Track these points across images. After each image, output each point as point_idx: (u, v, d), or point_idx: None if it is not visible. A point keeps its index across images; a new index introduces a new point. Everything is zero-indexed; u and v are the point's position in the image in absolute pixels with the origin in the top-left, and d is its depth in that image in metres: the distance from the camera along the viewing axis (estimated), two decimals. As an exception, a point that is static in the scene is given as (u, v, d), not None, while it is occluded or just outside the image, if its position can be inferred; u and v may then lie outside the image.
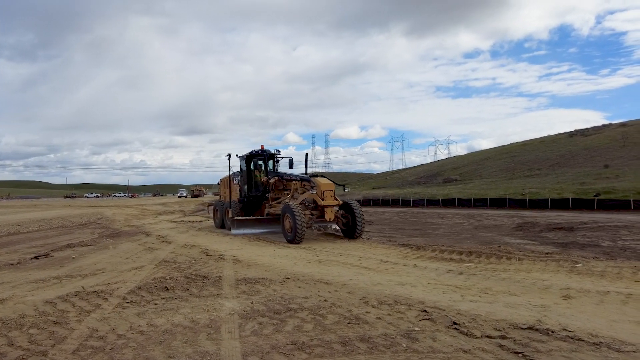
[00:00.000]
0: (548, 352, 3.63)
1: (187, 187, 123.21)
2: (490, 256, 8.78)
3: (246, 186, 16.44)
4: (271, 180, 15.16)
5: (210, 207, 20.97)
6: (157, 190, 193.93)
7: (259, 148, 16.36)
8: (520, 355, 3.57)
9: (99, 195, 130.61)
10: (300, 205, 12.59)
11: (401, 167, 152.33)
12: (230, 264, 8.52)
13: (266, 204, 15.47)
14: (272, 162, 16.29)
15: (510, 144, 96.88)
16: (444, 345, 3.85)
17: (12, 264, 9.26)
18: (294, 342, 3.96)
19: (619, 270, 7.04)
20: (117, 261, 9.32)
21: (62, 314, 5.03)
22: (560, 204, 28.42)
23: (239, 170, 17.22)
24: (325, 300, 5.35)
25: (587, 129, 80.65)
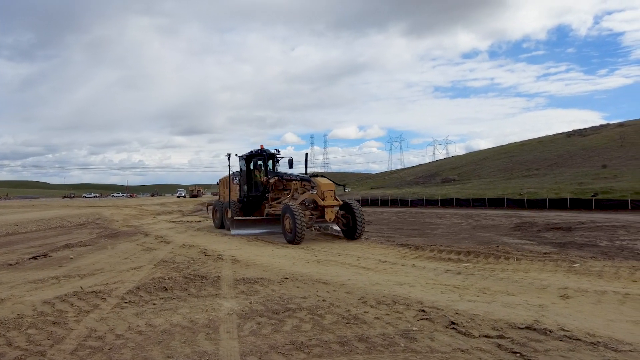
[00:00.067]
0: (546, 351, 3.65)
1: (185, 187, 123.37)
2: (489, 256, 8.80)
3: (246, 186, 16.37)
4: (271, 180, 15.06)
5: (210, 207, 20.88)
6: (155, 190, 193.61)
7: (259, 148, 16.26)
8: (518, 355, 3.58)
9: (98, 195, 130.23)
10: (300, 205, 12.53)
11: (400, 167, 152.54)
12: (228, 264, 8.52)
13: (266, 204, 15.37)
14: (271, 162, 16.18)
15: (509, 144, 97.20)
16: (442, 345, 3.86)
17: (11, 264, 9.24)
18: (292, 342, 3.96)
19: (616, 270, 7.07)
20: (115, 261, 9.31)
21: (60, 314, 5.03)
22: (558, 204, 28.52)
23: (238, 170, 17.15)
24: (323, 300, 5.36)
25: (585, 129, 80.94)
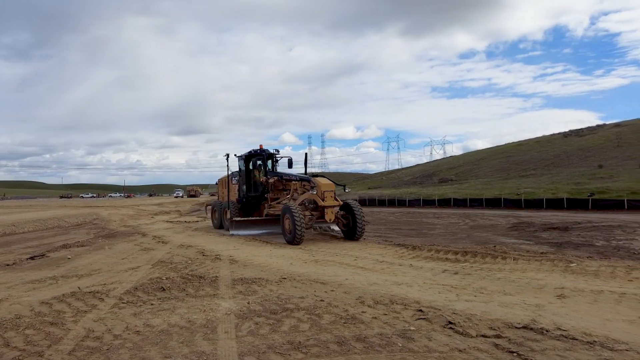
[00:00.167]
0: (542, 351, 3.67)
1: (183, 188, 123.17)
2: (486, 256, 8.83)
3: (245, 186, 16.26)
4: (270, 181, 14.94)
5: (209, 207, 20.74)
6: (153, 190, 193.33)
7: (258, 148, 16.14)
8: (515, 355, 3.60)
9: (95, 195, 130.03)
10: (300, 205, 12.44)
11: (397, 167, 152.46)
12: (226, 264, 8.52)
13: (265, 205, 15.25)
14: (271, 162, 16.08)
15: (506, 144, 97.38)
16: (439, 344, 3.87)
17: (8, 265, 9.22)
18: (290, 342, 3.97)
19: (612, 270, 7.10)
20: (113, 261, 9.29)
21: (58, 314, 5.02)
22: (555, 203, 28.62)
23: (237, 170, 17.04)
24: (321, 300, 5.37)
25: (581, 130, 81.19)
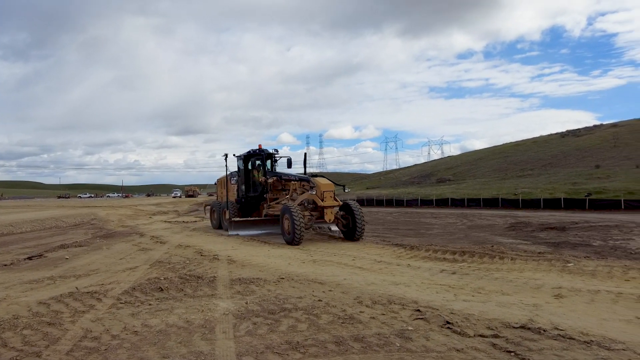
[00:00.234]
0: (540, 350, 3.68)
1: (181, 188, 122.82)
2: (483, 256, 8.84)
3: (244, 186, 16.20)
4: (269, 181, 14.88)
5: (207, 207, 20.62)
6: (151, 190, 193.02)
7: (257, 147, 16.08)
8: (513, 354, 3.61)
9: (93, 195, 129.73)
10: (299, 206, 12.38)
11: (395, 167, 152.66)
12: (224, 264, 8.52)
13: (264, 205, 15.18)
14: (270, 161, 16.02)
15: (503, 144, 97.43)
16: (437, 344, 3.88)
17: (6, 265, 9.19)
18: (288, 342, 3.98)
19: (609, 270, 7.13)
20: (111, 262, 9.28)
21: (55, 314, 5.01)
22: (552, 203, 28.69)
23: (236, 170, 16.97)
24: (319, 300, 5.38)
25: (578, 130, 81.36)
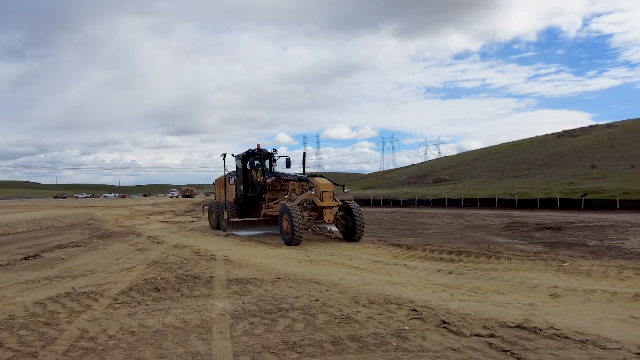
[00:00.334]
0: (535, 350, 3.69)
1: (178, 188, 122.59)
2: (480, 255, 8.87)
3: (242, 186, 16.10)
4: (268, 181, 14.78)
5: (205, 207, 20.50)
6: (148, 190, 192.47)
7: (256, 147, 15.99)
8: (509, 354, 3.63)
9: (89, 195, 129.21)
10: (298, 206, 12.29)
11: (392, 167, 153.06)
12: (221, 264, 8.51)
13: (263, 205, 15.09)
14: (268, 161, 15.95)
15: (500, 144, 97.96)
16: (433, 344, 3.89)
17: (2, 265, 9.16)
18: (285, 342, 3.98)
19: (605, 269, 7.16)
20: (107, 262, 9.26)
21: (52, 315, 5.00)
22: (548, 203, 28.85)
23: (234, 170, 16.85)
24: (316, 300, 5.38)
25: (574, 130, 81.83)
